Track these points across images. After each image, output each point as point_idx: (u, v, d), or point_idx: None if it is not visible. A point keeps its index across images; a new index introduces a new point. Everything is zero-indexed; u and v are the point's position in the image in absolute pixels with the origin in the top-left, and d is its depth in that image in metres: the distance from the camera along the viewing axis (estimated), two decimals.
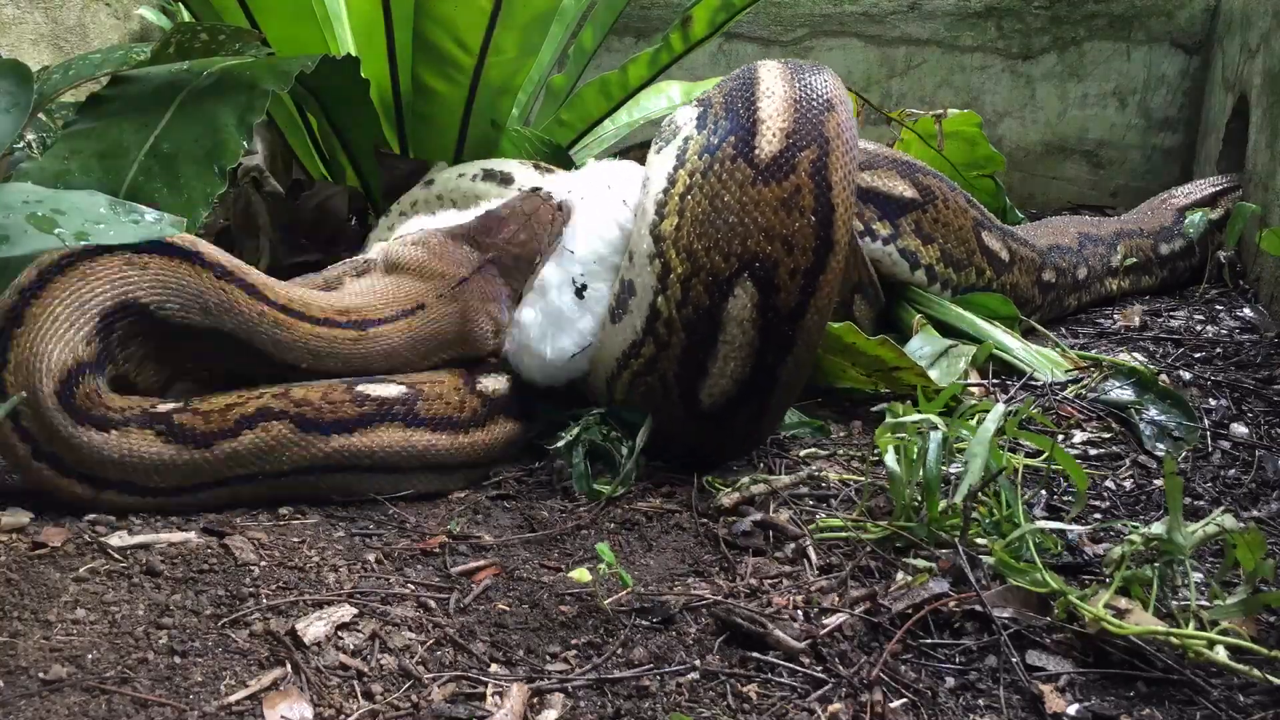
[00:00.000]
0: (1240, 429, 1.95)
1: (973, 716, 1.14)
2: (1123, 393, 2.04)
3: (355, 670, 1.18)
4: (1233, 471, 1.79)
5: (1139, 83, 4.05)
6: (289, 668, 1.17)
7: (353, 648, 1.22)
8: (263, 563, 1.39)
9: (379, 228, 2.46)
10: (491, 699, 1.14)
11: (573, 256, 1.83)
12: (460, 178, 2.36)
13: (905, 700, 1.15)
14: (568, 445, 1.73)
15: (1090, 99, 4.11)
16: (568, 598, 1.34)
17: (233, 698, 1.12)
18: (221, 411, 1.54)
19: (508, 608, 1.32)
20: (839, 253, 1.68)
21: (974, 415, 1.66)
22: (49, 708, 1.08)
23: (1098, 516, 1.63)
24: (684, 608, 1.32)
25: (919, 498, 1.50)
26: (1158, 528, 1.32)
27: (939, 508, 1.47)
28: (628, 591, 1.34)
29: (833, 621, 1.28)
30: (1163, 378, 2.09)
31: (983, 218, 2.57)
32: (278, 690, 1.14)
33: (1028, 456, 1.78)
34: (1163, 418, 1.95)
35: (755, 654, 1.23)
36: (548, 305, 1.83)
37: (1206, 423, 1.95)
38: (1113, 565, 1.33)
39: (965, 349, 2.27)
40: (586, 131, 2.99)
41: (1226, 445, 1.89)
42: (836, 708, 1.14)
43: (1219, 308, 2.76)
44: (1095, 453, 1.86)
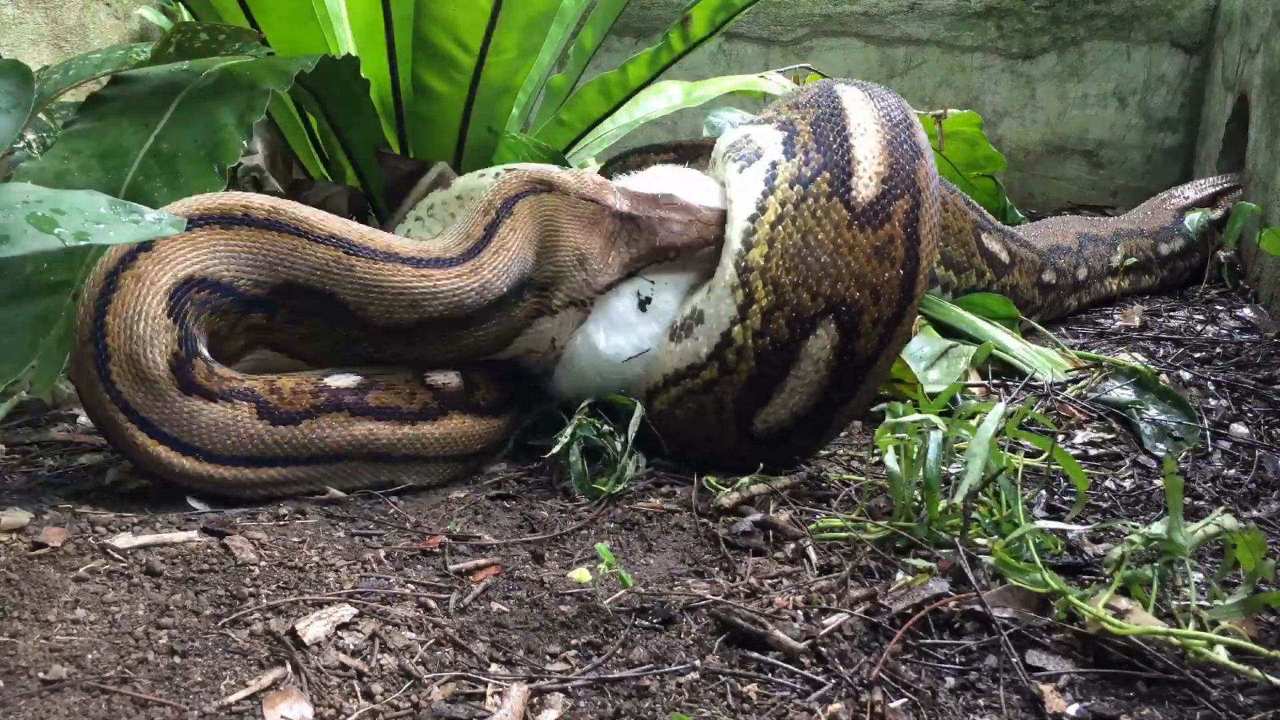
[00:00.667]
0: (1240, 429, 1.95)
1: (973, 716, 1.14)
2: (1123, 393, 2.04)
3: (355, 670, 1.18)
4: (1233, 471, 1.79)
5: (1139, 83, 4.05)
6: (289, 668, 1.17)
7: (353, 648, 1.22)
8: (263, 563, 1.39)
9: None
10: (491, 699, 1.14)
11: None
12: (482, 178, 2.35)
13: (905, 700, 1.15)
14: (564, 447, 1.72)
15: (1090, 99, 4.11)
16: (568, 598, 1.34)
17: (233, 698, 1.12)
18: (303, 391, 1.61)
19: (508, 608, 1.32)
20: (916, 304, 1.72)
21: (974, 415, 1.66)
22: (49, 708, 1.08)
23: (1098, 516, 1.64)
24: (684, 608, 1.32)
25: (919, 498, 1.50)
26: (1158, 528, 1.32)
27: (939, 508, 1.47)
28: (628, 591, 1.34)
29: (833, 621, 1.28)
30: (1163, 378, 2.09)
31: (982, 220, 2.57)
32: (278, 690, 1.14)
33: (1028, 457, 1.78)
34: (1163, 418, 1.95)
35: (755, 654, 1.23)
36: (607, 308, 1.82)
37: (1206, 423, 1.95)
38: (1113, 565, 1.33)
39: (965, 349, 2.27)
40: (586, 131, 2.99)
41: (1226, 445, 1.89)
42: (836, 708, 1.14)
43: (1219, 308, 2.76)
44: (1095, 453, 1.86)
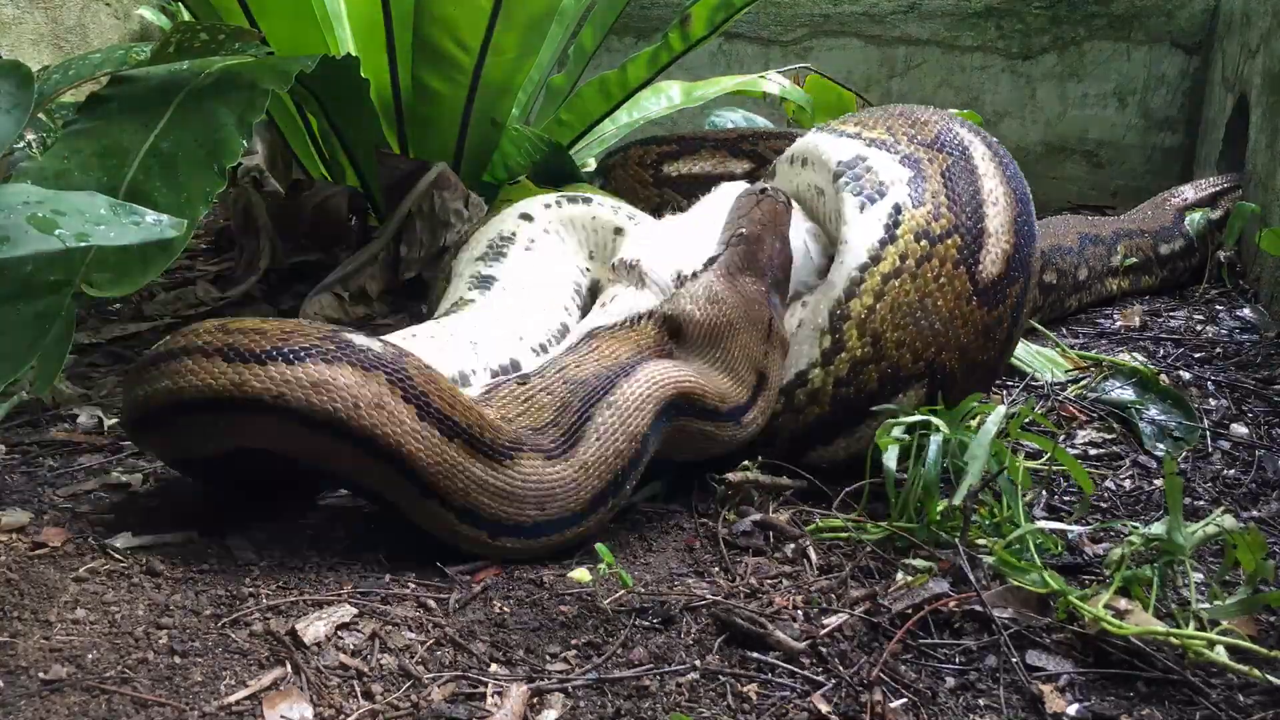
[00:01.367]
0: (1240, 429, 1.95)
1: (973, 716, 1.14)
2: (1123, 393, 2.04)
3: (355, 670, 1.18)
4: (1233, 471, 1.79)
5: (1139, 83, 4.05)
6: (289, 668, 1.17)
7: (353, 648, 1.22)
8: (263, 563, 1.39)
9: (439, 289, 2.18)
10: (491, 699, 1.14)
11: None
12: (560, 206, 2.18)
13: (905, 700, 1.15)
14: None
15: (1090, 99, 4.11)
16: (568, 598, 1.34)
17: (233, 698, 1.12)
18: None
19: (508, 608, 1.32)
20: (997, 379, 1.72)
21: (975, 416, 1.66)
22: (49, 707, 1.08)
23: (1098, 516, 1.63)
24: (684, 608, 1.32)
25: (919, 499, 1.50)
26: (1158, 528, 1.32)
27: (939, 508, 1.47)
28: (628, 591, 1.34)
29: (833, 622, 1.28)
30: (1163, 378, 2.09)
31: None
32: (278, 690, 1.14)
33: (1028, 458, 1.78)
34: (1163, 418, 1.95)
35: (755, 654, 1.23)
36: None
37: (1206, 423, 1.95)
38: (1113, 566, 1.33)
39: None
40: (586, 131, 3.00)
41: (1226, 445, 1.89)
42: (836, 708, 1.14)
43: (1219, 308, 2.76)
44: (1095, 453, 1.86)
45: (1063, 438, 1.93)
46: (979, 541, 1.44)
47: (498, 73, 2.50)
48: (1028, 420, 1.74)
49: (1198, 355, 2.38)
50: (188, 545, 1.42)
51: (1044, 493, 1.69)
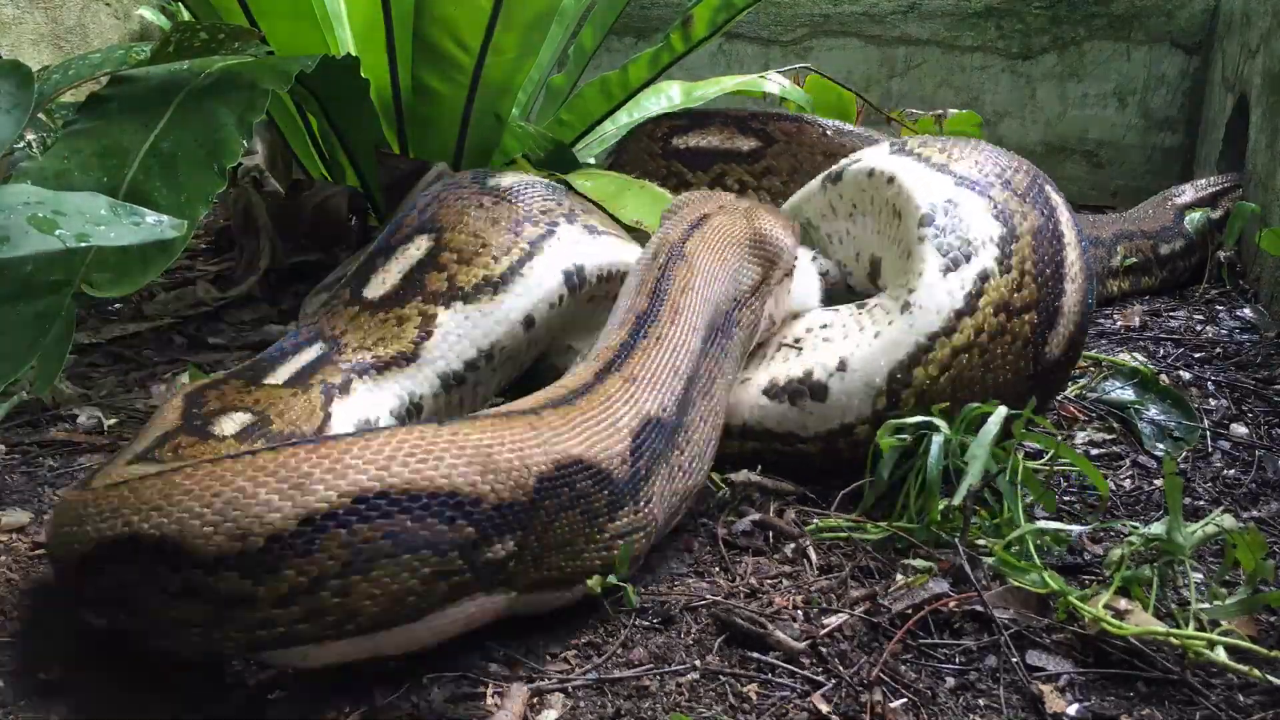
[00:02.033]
0: (1240, 429, 1.95)
1: (973, 716, 1.14)
2: (1123, 393, 2.04)
3: (354, 670, 1.18)
4: (1233, 471, 1.79)
5: (1139, 83, 4.05)
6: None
7: None
8: None
9: None
10: (491, 699, 1.14)
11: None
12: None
13: (905, 700, 1.15)
14: None
15: (1090, 99, 4.11)
16: None
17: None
18: None
19: None
20: None
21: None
22: (49, 707, 1.08)
23: (1098, 516, 1.63)
24: (684, 608, 1.32)
25: (920, 500, 1.50)
26: (1157, 528, 1.32)
27: (939, 508, 1.47)
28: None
29: (833, 622, 1.29)
30: (1163, 378, 2.09)
31: None
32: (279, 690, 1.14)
33: (1028, 458, 1.78)
34: (1163, 418, 1.95)
35: (755, 654, 1.23)
36: None
37: (1206, 423, 1.95)
38: (1113, 566, 1.33)
39: None
40: (587, 131, 3.00)
41: (1226, 445, 1.89)
42: (836, 708, 1.14)
43: (1219, 308, 2.76)
44: (1096, 453, 1.86)
45: (1062, 438, 1.93)
46: (979, 542, 1.44)
47: (498, 73, 2.50)
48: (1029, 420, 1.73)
49: (1198, 355, 2.38)
50: None
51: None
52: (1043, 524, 1.46)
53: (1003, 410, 1.48)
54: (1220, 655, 1.19)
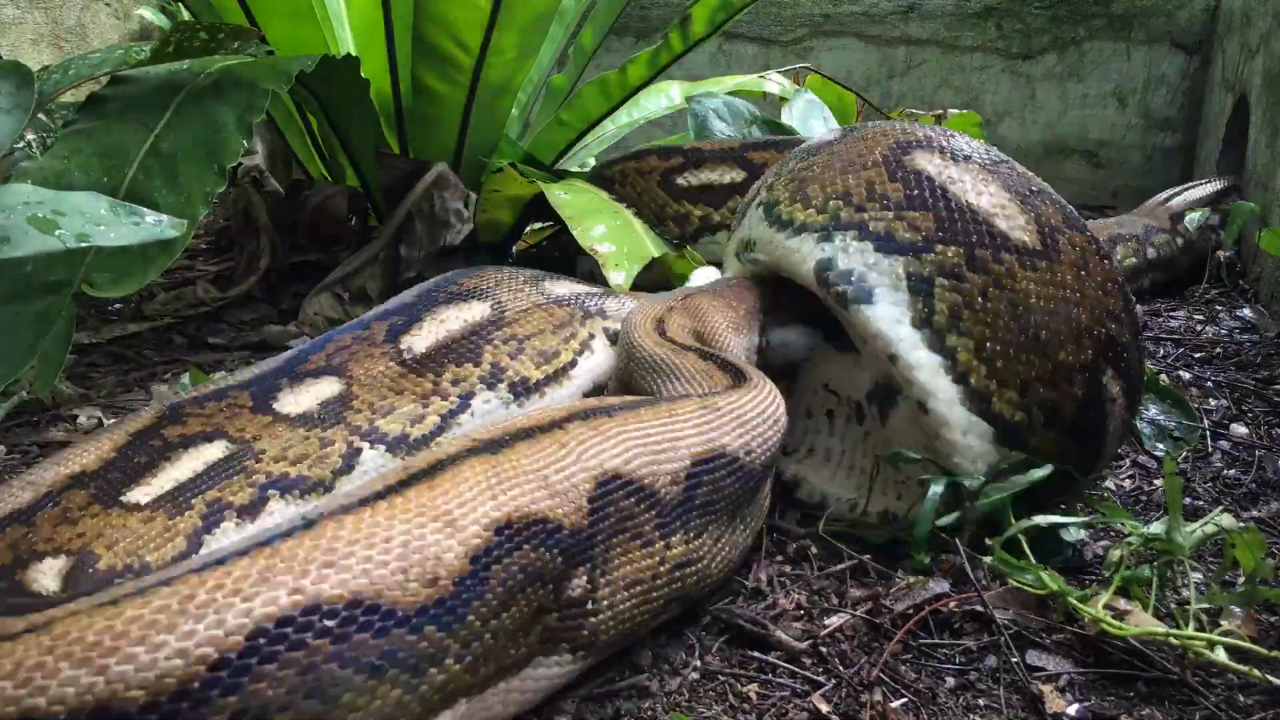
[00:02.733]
0: (1240, 429, 1.95)
1: (973, 716, 1.14)
2: None
3: None
4: (1233, 471, 1.79)
5: (1139, 83, 4.05)
6: None
7: None
8: None
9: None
10: None
11: None
12: None
13: (905, 700, 1.15)
14: None
15: (1090, 99, 4.11)
16: None
17: None
18: None
19: None
20: None
21: None
22: None
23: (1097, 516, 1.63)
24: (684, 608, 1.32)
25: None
26: (1156, 528, 1.32)
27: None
28: None
29: (834, 622, 1.29)
30: (1163, 378, 2.09)
31: None
32: None
33: None
34: (1163, 418, 1.95)
35: (755, 654, 1.23)
36: None
37: (1206, 423, 1.95)
38: (1112, 567, 1.33)
39: None
40: (586, 131, 3.00)
41: (1226, 445, 1.89)
42: (836, 708, 1.14)
43: (1219, 308, 2.76)
44: None
45: None
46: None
47: (497, 73, 2.50)
48: None
49: (1198, 355, 2.38)
50: None
51: None
52: (1040, 518, 1.46)
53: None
54: (1220, 655, 1.19)
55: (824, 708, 1.13)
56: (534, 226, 2.90)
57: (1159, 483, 1.73)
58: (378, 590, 0.87)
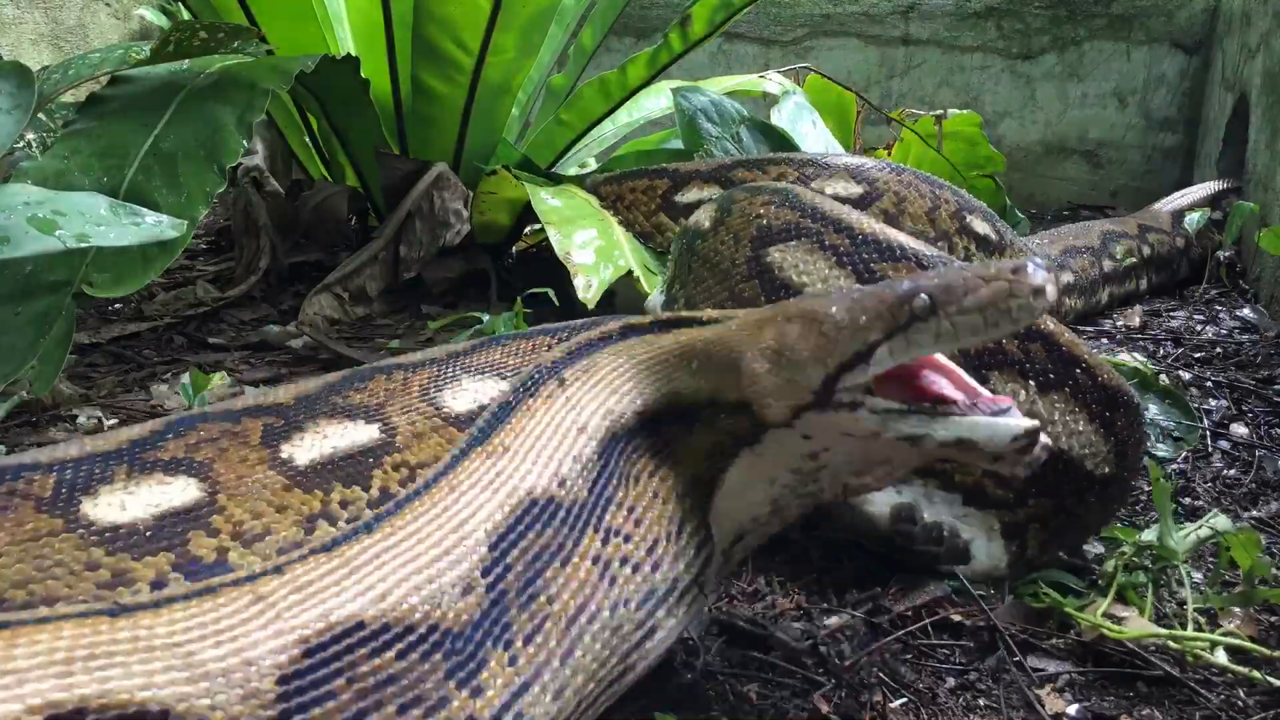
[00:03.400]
0: (1240, 429, 1.95)
1: (973, 716, 1.14)
2: None
3: None
4: (1233, 471, 1.79)
5: (1139, 83, 4.05)
6: None
7: None
8: None
9: None
10: None
11: None
12: None
13: (905, 700, 1.15)
14: None
15: (1090, 99, 4.11)
16: None
17: None
18: None
19: None
20: None
21: None
22: None
23: None
24: None
25: None
26: (1149, 535, 1.32)
27: None
28: None
29: (833, 622, 1.29)
30: (1163, 378, 2.09)
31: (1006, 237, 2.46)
32: None
33: None
34: (1163, 418, 1.95)
35: (756, 654, 1.23)
36: None
37: (1206, 423, 1.95)
38: (1107, 577, 1.33)
39: None
40: (586, 131, 3.00)
41: (1226, 445, 1.89)
42: (836, 708, 1.14)
43: (1219, 308, 2.76)
44: None
45: None
46: None
47: (497, 73, 2.50)
48: None
49: (1198, 355, 2.38)
50: None
51: None
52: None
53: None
54: (1220, 657, 1.19)
55: (824, 708, 1.13)
56: (534, 227, 2.90)
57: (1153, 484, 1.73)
58: None
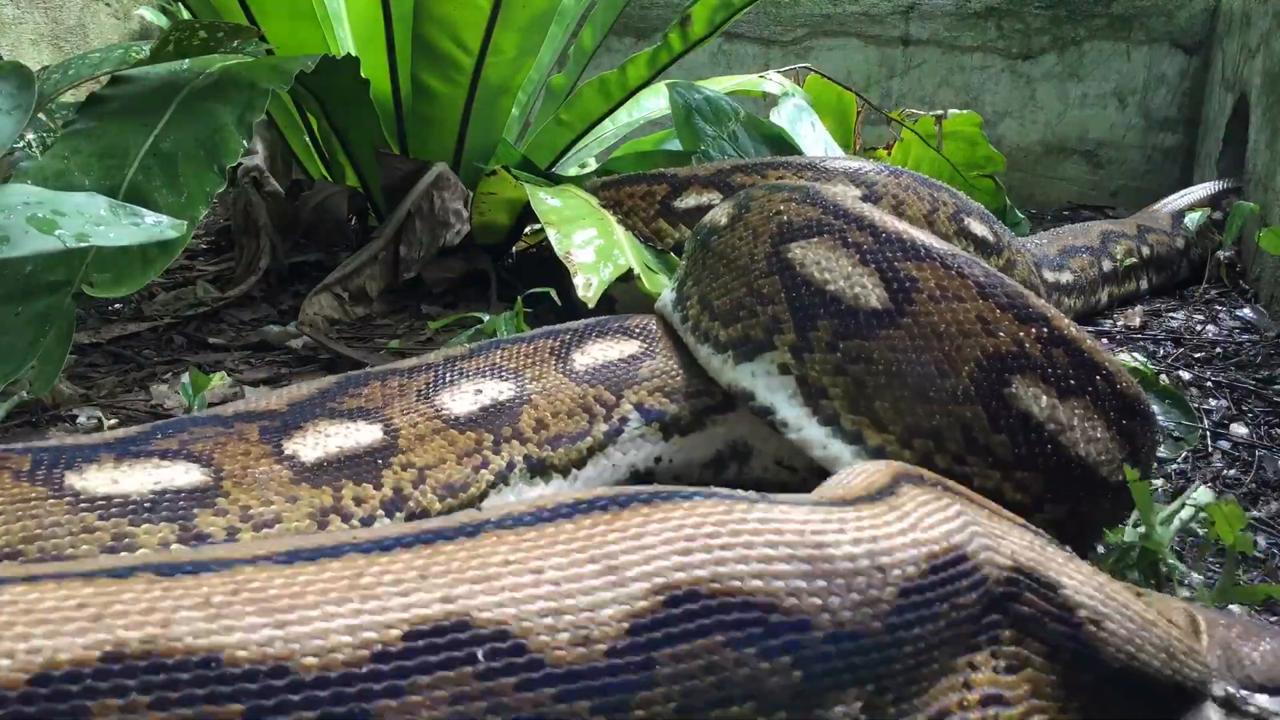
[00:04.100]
0: (1240, 429, 1.95)
1: None
2: None
3: None
4: (1233, 471, 1.79)
5: (1139, 83, 4.06)
6: None
7: None
8: None
9: None
10: None
11: None
12: None
13: None
14: None
15: (1090, 99, 4.11)
16: None
17: None
18: None
19: None
20: None
21: None
22: None
23: None
24: None
25: None
26: (1130, 535, 1.31)
27: None
28: None
29: None
30: (1163, 378, 2.09)
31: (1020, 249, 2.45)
32: None
33: None
34: (1163, 418, 1.95)
35: None
36: None
37: (1206, 423, 1.95)
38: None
39: None
40: (586, 131, 3.00)
41: (1226, 445, 1.89)
42: None
43: (1219, 308, 2.76)
44: None
45: None
46: None
47: (497, 73, 2.50)
48: None
49: (1198, 355, 2.38)
50: None
51: None
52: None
53: None
54: None
55: None
56: (534, 227, 2.90)
57: (1158, 483, 1.74)
58: None
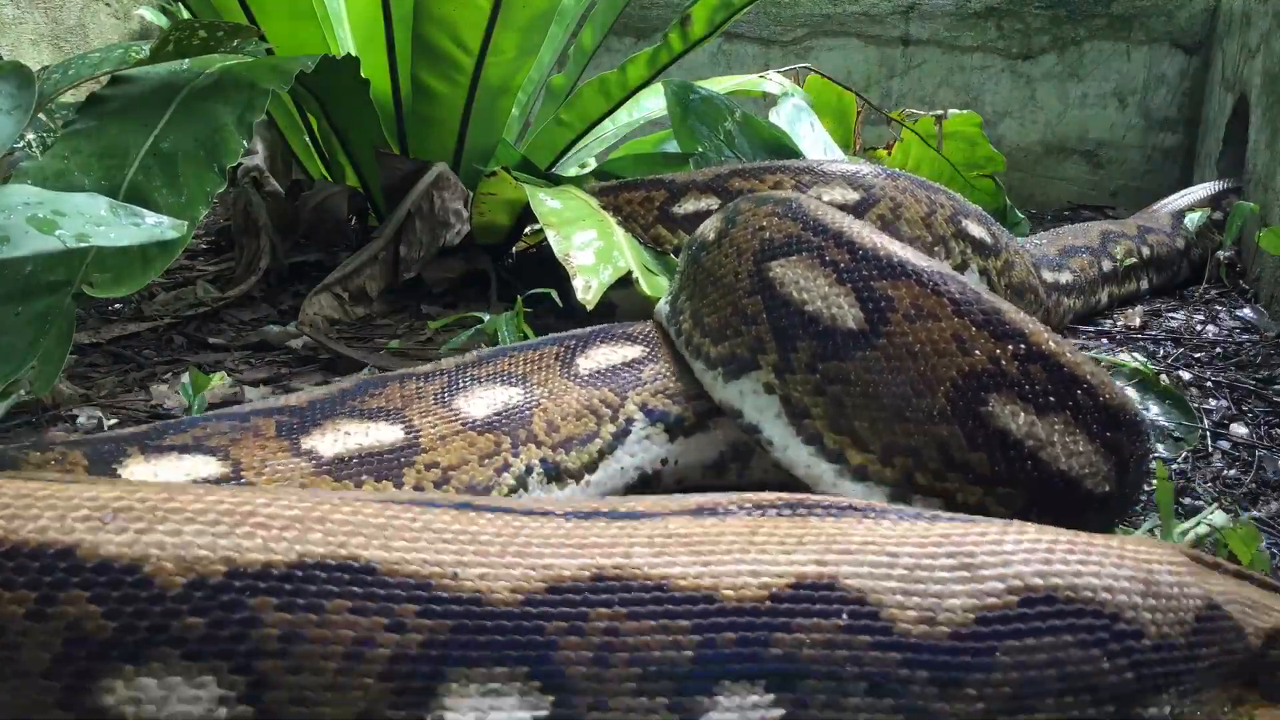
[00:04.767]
0: (1240, 429, 1.95)
1: None
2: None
3: None
4: (1233, 471, 1.79)
5: (1139, 83, 4.06)
6: None
7: None
8: None
9: None
10: None
11: None
12: None
13: None
14: None
15: (1090, 99, 4.11)
16: None
17: None
18: None
19: None
20: None
21: None
22: None
23: None
24: None
25: None
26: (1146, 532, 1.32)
27: None
28: None
29: None
30: (1163, 378, 2.09)
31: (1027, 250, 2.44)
32: None
33: None
34: (1163, 418, 1.95)
35: None
36: None
37: (1206, 423, 1.95)
38: None
39: None
40: (586, 131, 3.00)
41: (1226, 445, 1.89)
42: None
43: (1219, 308, 2.76)
44: None
45: None
46: None
47: (497, 73, 2.50)
48: None
49: (1198, 355, 2.38)
50: None
51: None
52: None
53: None
54: None
55: None
56: (534, 227, 2.90)
57: (1156, 483, 1.73)
58: None
